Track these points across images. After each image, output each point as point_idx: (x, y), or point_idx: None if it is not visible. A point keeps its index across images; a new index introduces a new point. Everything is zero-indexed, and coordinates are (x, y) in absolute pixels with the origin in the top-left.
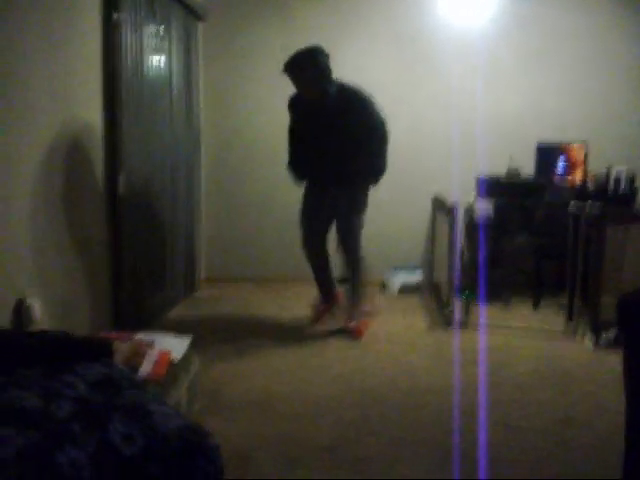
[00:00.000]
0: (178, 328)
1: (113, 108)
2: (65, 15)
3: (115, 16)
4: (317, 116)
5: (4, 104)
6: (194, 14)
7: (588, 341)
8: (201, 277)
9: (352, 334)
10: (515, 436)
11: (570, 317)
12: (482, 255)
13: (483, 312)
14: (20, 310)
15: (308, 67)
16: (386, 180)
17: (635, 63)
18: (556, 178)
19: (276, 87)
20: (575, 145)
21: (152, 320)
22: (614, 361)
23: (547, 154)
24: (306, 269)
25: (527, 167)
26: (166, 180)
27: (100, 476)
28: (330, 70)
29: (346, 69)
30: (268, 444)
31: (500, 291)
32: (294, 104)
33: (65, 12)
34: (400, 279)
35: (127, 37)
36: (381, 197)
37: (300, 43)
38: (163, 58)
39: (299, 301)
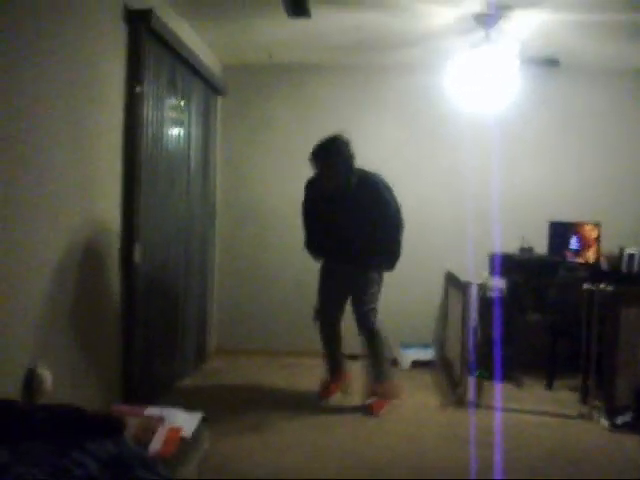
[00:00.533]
0: (188, 400)
1: (132, 179)
2: (89, 87)
3: (137, 89)
4: (335, 200)
5: (27, 174)
6: (213, 88)
7: (603, 424)
8: (212, 348)
9: (367, 410)
10: None
11: (584, 399)
12: (498, 333)
13: (495, 391)
14: (31, 381)
15: (333, 158)
16: None
17: None
18: (569, 257)
19: (291, 160)
20: (588, 225)
21: (162, 391)
22: (630, 444)
23: (560, 232)
24: (317, 343)
25: (540, 245)
26: (180, 251)
27: None
28: (353, 159)
29: (357, 143)
30: None
31: (513, 369)
32: (312, 186)
33: (90, 84)
34: (411, 355)
35: (148, 109)
36: (392, 273)
37: (312, 114)
38: (182, 131)
39: (310, 375)
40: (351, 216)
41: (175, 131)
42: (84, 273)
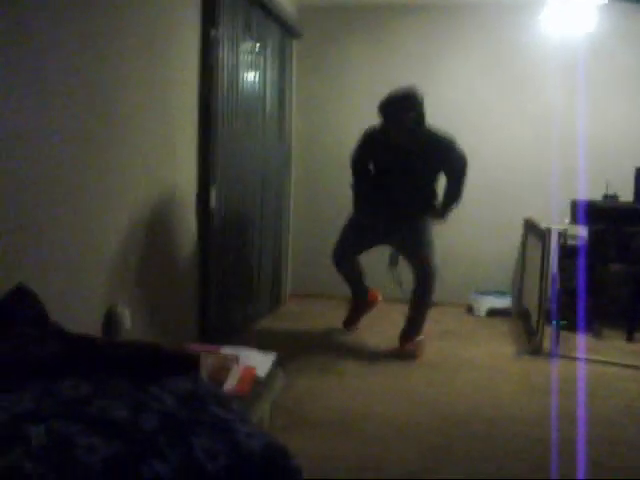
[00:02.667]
0: (263, 342)
1: (208, 123)
2: (165, 30)
3: (213, 33)
4: (399, 156)
5: (109, 125)
6: (289, 31)
7: None
8: (287, 292)
9: (409, 354)
10: (600, 474)
11: None
12: (579, 282)
13: (573, 342)
14: (111, 318)
15: (405, 112)
16: (476, 200)
17: None
18: None
19: (368, 104)
20: None
21: (238, 333)
22: None
23: None
24: (391, 289)
25: (625, 193)
26: (256, 195)
27: None
28: (424, 117)
29: (439, 87)
30: (347, 466)
31: (592, 320)
32: (373, 139)
33: (165, 27)
34: (487, 302)
35: (224, 53)
36: (470, 217)
37: (392, 58)
38: (258, 74)
39: (384, 320)
40: (414, 170)
41: (251, 75)
42: (162, 215)
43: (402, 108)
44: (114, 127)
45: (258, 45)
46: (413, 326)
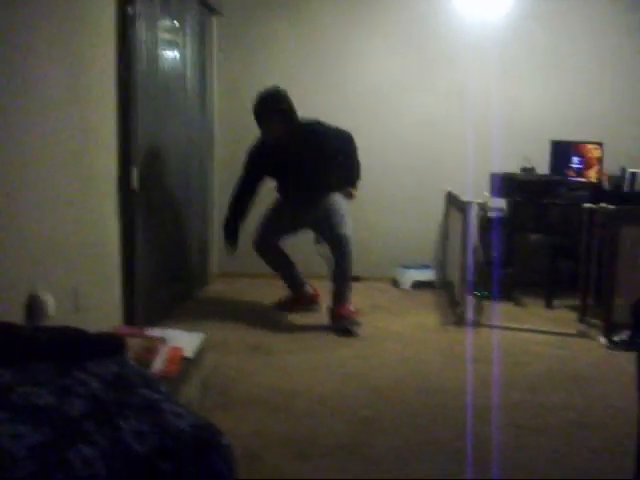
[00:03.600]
0: (190, 322)
1: (127, 103)
2: (80, 7)
3: (130, 10)
4: (286, 154)
5: (23, 102)
6: (208, 8)
7: (601, 342)
8: (213, 272)
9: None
10: (527, 437)
11: (583, 318)
12: (497, 253)
13: (495, 311)
14: (32, 305)
15: (273, 113)
16: (398, 175)
17: None
18: (571, 176)
19: (290, 82)
20: (590, 144)
21: (164, 314)
22: (627, 363)
23: (562, 152)
24: (320, 266)
25: (541, 166)
26: (180, 174)
27: (112, 474)
28: (293, 112)
29: (358, 64)
30: (278, 442)
31: (513, 289)
32: (258, 150)
33: (80, 4)
34: (412, 276)
35: (142, 31)
36: (392, 193)
37: (314, 36)
38: (178, 53)
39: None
40: (305, 159)
41: (170, 53)
42: (83, 197)
43: (269, 109)
44: (27, 108)
45: (177, 23)
46: (340, 297)
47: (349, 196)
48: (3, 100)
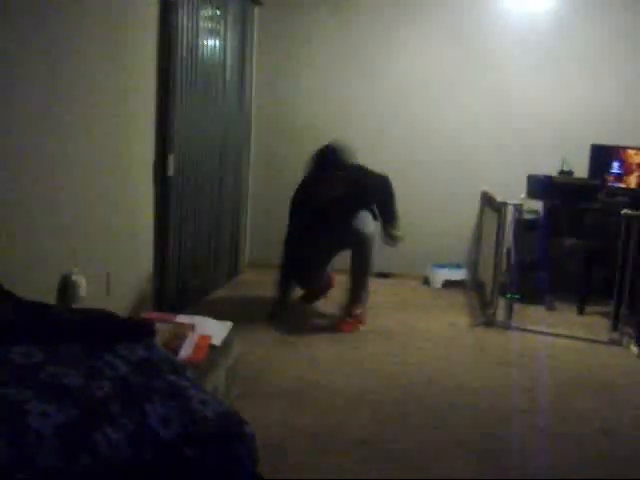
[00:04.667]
0: (219, 310)
1: (166, 90)
2: None
3: None
4: (327, 199)
5: (67, 88)
6: None
7: (633, 350)
8: (245, 262)
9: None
10: (552, 443)
11: (616, 325)
12: (535, 255)
13: (526, 314)
14: (66, 286)
15: (341, 165)
16: (433, 172)
17: None
18: (610, 181)
19: (331, 74)
20: (632, 149)
21: (194, 302)
22: None
23: (602, 155)
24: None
25: (580, 169)
26: (215, 163)
27: (137, 457)
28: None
29: (399, 58)
30: (302, 434)
31: (546, 293)
32: (305, 198)
33: None
34: (443, 275)
35: (183, 19)
36: (427, 190)
37: (354, 29)
38: (218, 41)
39: (341, 291)
40: (344, 208)
41: (211, 42)
42: (118, 182)
43: (335, 165)
44: (69, 100)
45: (218, 11)
46: (353, 297)
47: (391, 237)
48: (48, 84)
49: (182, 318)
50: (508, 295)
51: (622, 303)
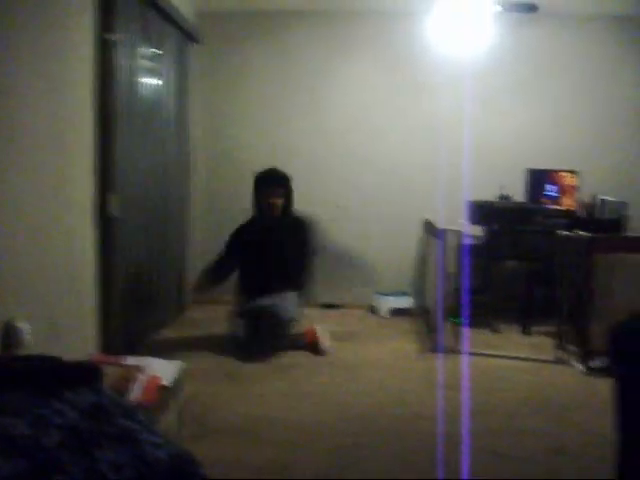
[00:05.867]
0: (167, 350)
1: (105, 129)
2: (59, 34)
3: (108, 37)
4: (268, 233)
5: (2, 115)
6: (188, 36)
7: (578, 368)
8: (190, 299)
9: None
10: (504, 465)
11: (560, 344)
12: (466, 279)
13: (472, 338)
14: (8, 333)
15: (286, 184)
16: (375, 203)
17: (626, 95)
18: (546, 204)
19: (268, 109)
20: (565, 173)
21: (141, 342)
22: (604, 389)
23: (538, 180)
24: None
25: (518, 193)
26: (157, 201)
27: None
28: (293, 198)
29: (335, 92)
30: (256, 472)
31: (489, 316)
32: (243, 229)
33: (59, 32)
34: (389, 303)
35: (121, 58)
36: (369, 220)
37: (290, 64)
38: (157, 79)
39: None
40: (280, 247)
41: (149, 80)
42: (61, 226)
43: (280, 178)
44: (7, 135)
45: (157, 50)
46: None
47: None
48: None
49: (130, 360)
50: (453, 320)
51: (564, 322)
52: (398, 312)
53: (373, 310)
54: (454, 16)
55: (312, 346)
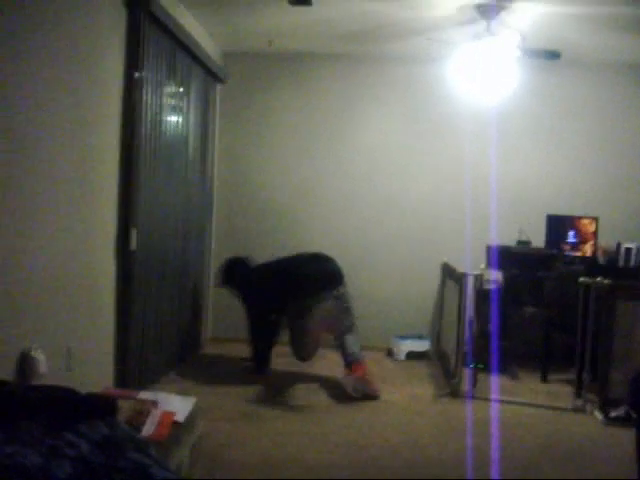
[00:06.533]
0: (182, 386)
1: (129, 164)
2: (88, 71)
3: (136, 75)
4: None
5: (30, 162)
6: (213, 76)
7: (597, 417)
8: (207, 336)
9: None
10: None
11: (579, 392)
12: (494, 325)
13: (490, 384)
14: (24, 363)
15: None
16: (394, 245)
17: None
18: (566, 250)
19: (290, 150)
20: (586, 219)
21: (156, 376)
22: (624, 438)
23: (557, 225)
24: None
25: (537, 239)
26: (178, 237)
27: None
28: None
29: (359, 134)
30: None
31: (508, 362)
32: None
33: (89, 68)
34: (407, 346)
35: (147, 95)
36: (388, 262)
37: (313, 106)
38: (181, 118)
39: (306, 365)
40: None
41: (174, 118)
42: (80, 256)
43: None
44: (31, 176)
45: (182, 88)
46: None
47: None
48: (11, 158)
49: (144, 394)
50: (473, 365)
51: (584, 370)
52: (415, 355)
53: (390, 353)
54: (477, 62)
55: (362, 382)
